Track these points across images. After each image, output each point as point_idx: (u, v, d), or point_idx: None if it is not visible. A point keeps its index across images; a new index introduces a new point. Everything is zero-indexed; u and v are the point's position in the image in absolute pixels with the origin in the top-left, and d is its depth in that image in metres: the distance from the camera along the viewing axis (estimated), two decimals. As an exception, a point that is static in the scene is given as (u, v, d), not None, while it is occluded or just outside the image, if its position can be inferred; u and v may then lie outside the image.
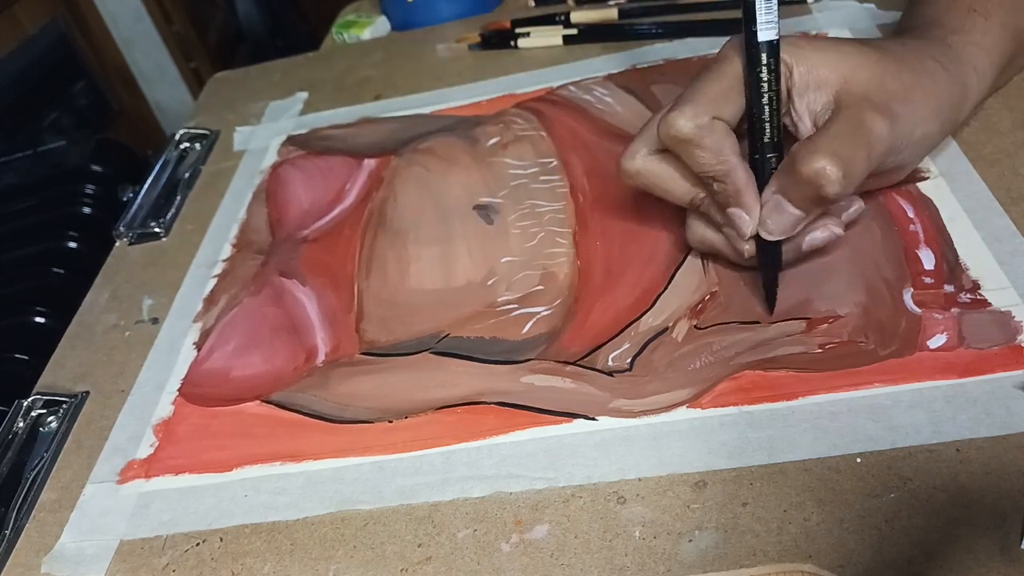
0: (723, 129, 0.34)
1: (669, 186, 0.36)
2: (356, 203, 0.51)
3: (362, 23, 0.74)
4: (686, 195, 0.36)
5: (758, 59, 0.33)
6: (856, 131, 0.33)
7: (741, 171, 0.34)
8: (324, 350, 0.42)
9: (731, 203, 0.34)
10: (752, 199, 0.34)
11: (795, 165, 0.32)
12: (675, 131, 0.33)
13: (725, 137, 0.34)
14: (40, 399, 0.44)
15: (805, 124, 0.35)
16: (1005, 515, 0.28)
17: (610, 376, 0.36)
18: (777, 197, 0.34)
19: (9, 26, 1.26)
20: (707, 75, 0.35)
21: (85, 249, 0.73)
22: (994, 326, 0.33)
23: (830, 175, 0.32)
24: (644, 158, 0.36)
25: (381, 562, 0.32)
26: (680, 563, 0.29)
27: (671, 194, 0.37)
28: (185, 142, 0.65)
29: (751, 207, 0.34)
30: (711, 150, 0.33)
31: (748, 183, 0.34)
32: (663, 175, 0.36)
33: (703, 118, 0.33)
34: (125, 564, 0.35)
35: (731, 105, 0.34)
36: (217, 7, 1.80)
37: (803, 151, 0.32)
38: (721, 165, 0.34)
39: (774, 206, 0.34)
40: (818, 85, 0.34)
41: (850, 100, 0.34)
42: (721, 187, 0.34)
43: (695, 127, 0.33)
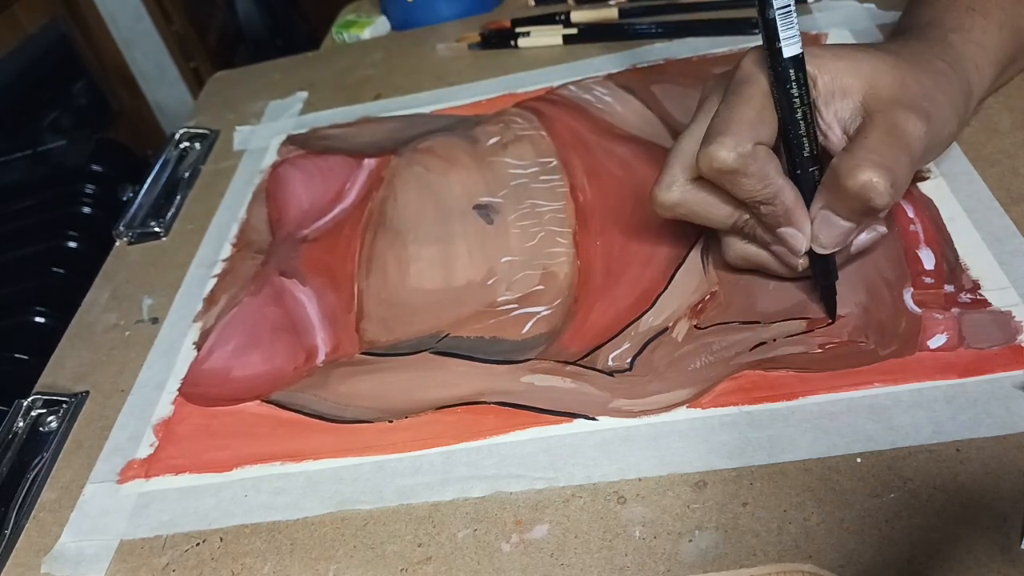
0: (766, 153, 0.33)
1: (711, 213, 0.35)
2: (356, 203, 0.51)
3: (362, 23, 0.74)
4: (728, 219, 0.35)
5: (787, 76, 0.33)
6: (894, 135, 0.32)
7: (788, 191, 0.33)
8: (324, 350, 0.42)
9: (781, 223, 0.34)
10: (802, 216, 0.34)
11: (840, 180, 0.32)
12: (719, 164, 0.32)
13: (768, 161, 0.33)
14: (40, 399, 0.44)
15: (835, 133, 0.35)
16: (1005, 515, 0.28)
17: (610, 376, 0.36)
18: (825, 212, 0.33)
19: (9, 26, 1.26)
20: (736, 99, 0.34)
21: (85, 249, 0.73)
22: (994, 326, 0.33)
23: (878, 187, 0.31)
24: (682, 188, 0.35)
25: (381, 562, 0.32)
26: (680, 563, 0.29)
27: (712, 220, 0.36)
28: (185, 142, 0.65)
29: (802, 224, 0.34)
30: (756, 176, 0.33)
31: (797, 202, 0.34)
32: (704, 203, 0.35)
33: (745, 146, 0.32)
34: (125, 564, 0.35)
35: (767, 127, 0.33)
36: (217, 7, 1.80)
37: (846, 165, 0.32)
38: (768, 189, 0.33)
39: (824, 221, 0.34)
40: (844, 93, 0.34)
41: (879, 104, 0.33)
42: (770, 209, 0.33)
43: (738, 156, 0.32)
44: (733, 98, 0.34)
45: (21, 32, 1.28)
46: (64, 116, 1.33)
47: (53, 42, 1.36)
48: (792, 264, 0.35)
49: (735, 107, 0.33)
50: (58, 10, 1.39)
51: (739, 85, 0.34)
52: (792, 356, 0.34)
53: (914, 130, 0.33)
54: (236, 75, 0.75)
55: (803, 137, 0.33)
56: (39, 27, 1.32)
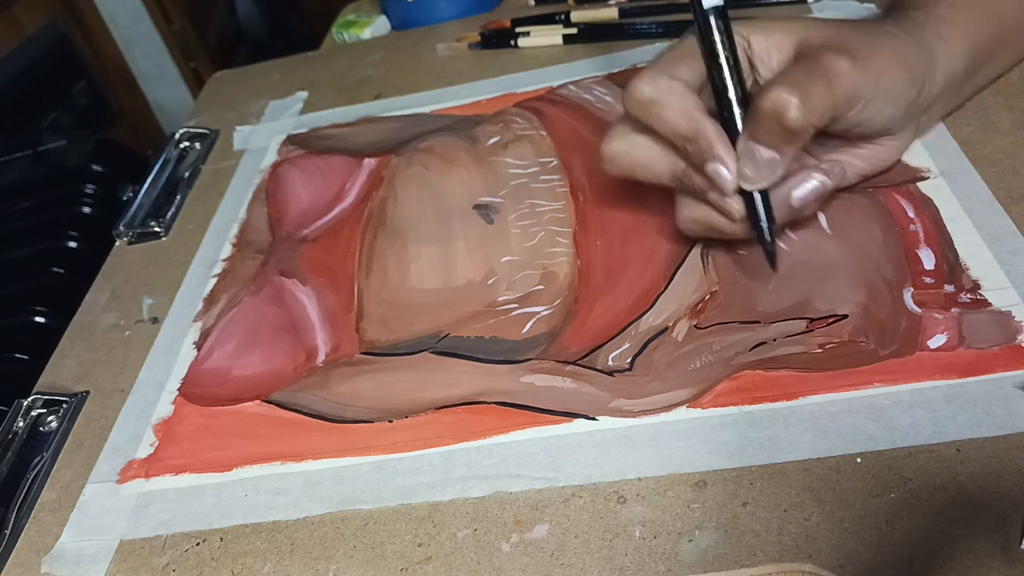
0: (682, 87, 0.34)
1: (649, 162, 0.37)
2: (356, 202, 0.51)
3: (362, 22, 0.74)
4: (667, 168, 0.36)
5: (708, 24, 0.34)
6: (813, 65, 0.33)
7: (709, 125, 0.34)
8: (324, 350, 0.42)
9: (707, 159, 0.34)
10: (725, 150, 0.34)
11: (758, 104, 0.33)
12: (638, 95, 0.34)
13: (686, 94, 0.34)
14: (40, 399, 0.44)
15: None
16: (1005, 515, 0.28)
17: (610, 376, 0.36)
18: (748, 143, 0.34)
19: (9, 26, 1.26)
20: (669, 51, 0.36)
21: (85, 249, 0.73)
22: (994, 326, 0.33)
23: (787, 100, 0.32)
24: (623, 138, 0.37)
25: (381, 562, 0.32)
26: (680, 563, 0.29)
27: (652, 171, 0.37)
28: (185, 141, 0.65)
29: (727, 159, 0.34)
30: (675, 107, 0.34)
31: (718, 134, 0.34)
32: (642, 151, 0.36)
33: (662, 78, 0.34)
34: (125, 564, 0.35)
35: (687, 69, 0.35)
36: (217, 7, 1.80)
37: (763, 89, 0.33)
38: (688, 123, 0.34)
39: (747, 152, 0.34)
40: (778, 48, 0.36)
41: (808, 50, 0.35)
42: (694, 147, 0.34)
43: (655, 88, 0.34)
44: (662, 54, 0.37)
45: (21, 32, 1.28)
46: (64, 116, 1.33)
47: (53, 42, 1.36)
48: (729, 210, 0.35)
49: (662, 55, 0.36)
50: (58, 10, 1.39)
51: (671, 46, 0.37)
52: (792, 356, 0.34)
53: (836, 65, 0.33)
54: (236, 75, 0.75)
55: (727, 80, 0.35)
56: (39, 27, 1.32)
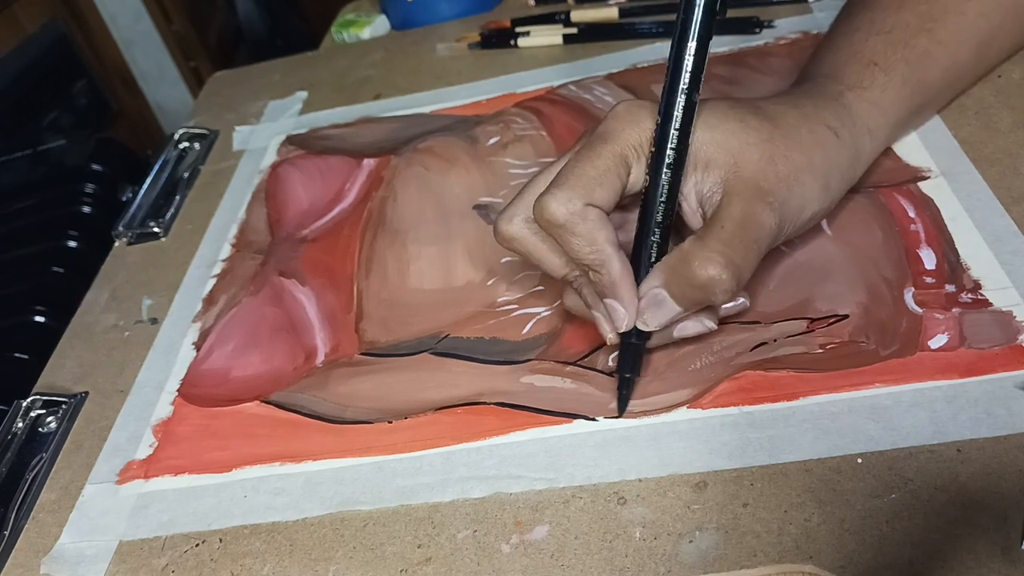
0: (597, 216, 0.32)
1: (544, 258, 0.34)
2: (356, 203, 0.51)
3: (362, 22, 0.74)
4: (560, 270, 0.35)
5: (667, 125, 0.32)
6: (748, 228, 0.32)
7: (616, 263, 0.32)
8: (324, 350, 0.42)
9: (607, 294, 0.33)
10: (627, 293, 0.33)
11: (688, 267, 0.31)
12: (548, 215, 0.32)
13: (599, 226, 0.32)
14: (39, 399, 0.44)
15: (690, 203, 0.34)
16: (1006, 515, 0.28)
17: (610, 376, 0.36)
18: (659, 292, 0.32)
19: (8, 26, 1.26)
20: (586, 153, 0.33)
21: (85, 249, 0.73)
22: (995, 326, 0.33)
23: (724, 284, 0.31)
24: (521, 225, 0.34)
25: (381, 563, 0.32)
26: (680, 564, 0.29)
27: (544, 266, 0.35)
28: (184, 142, 0.65)
29: (627, 302, 0.33)
30: (584, 238, 0.32)
31: (623, 276, 0.32)
32: (539, 247, 0.34)
33: (576, 203, 0.31)
34: (124, 565, 0.35)
35: (606, 190, 0.32)
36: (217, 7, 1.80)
37: (700, 254, 0.31)
38: (595, 255, 0.32)
39: (654, 300, 0.33)
40: (706, 165, 0.33)
41: (740, 187, 0.32)
42: (596, 277, 0.33)
43: (567, 213, 0.31)
44: (584, 151, 0.33)
45: (21, 32, 1.28)
46: (64, 116, 1.33)
47: (53, 42, 1.36)
48: (605, 333, 0.34)
49: (582, 161, 0.32)
50: (58, 10, 1.39)
51: (597, 138, 0.33)
52: (793, 356, 0.34)
53: (767, 223, 0.32)
54: (236, 75, 0.75)
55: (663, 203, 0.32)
56: (39, 27, 1.32)
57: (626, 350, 0.34)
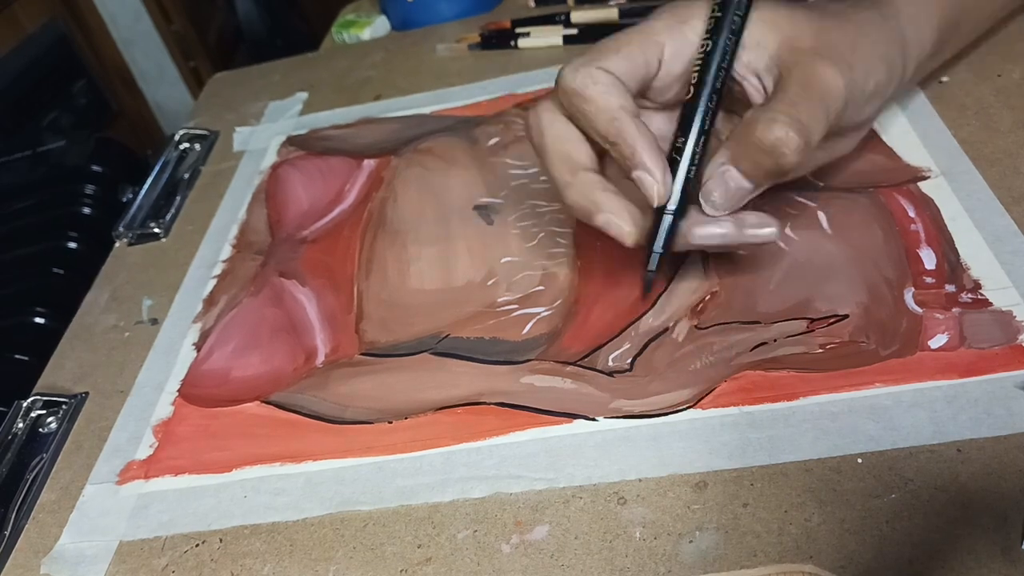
0: (609, 80, 0.32)
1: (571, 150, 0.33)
2: (356, 203, 0.51)
3: (362, 23, 0.74)
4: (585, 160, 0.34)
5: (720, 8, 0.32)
6: (812, 90, 0.31)
7: (632, 127, 0.31)
8: (324, 351, 0.42)
9: (631, 166, 0.32)
10: (650, 157, 0.31)
11: (753, 132, 0.30)
12: (562, 83, 0.32)
13: (611, 90, 0.31)
14: (40, 400, 0.44)
15: (752, 82, 0.33)
16: (1006, 515, 0.28)
17: (610, 376, 0.36)
18: (727, 167, 0.31)
19: (8, 26, 1.26)
20: (622, 34, 0.33)
21: (85, 249, 0.73)
22: (995, 326, 0.33)
23: (791, 143, 0.30)
24: (551, 115, 0.34)
25: (381, 563, 0.32)
26: (681, 564, 0.29)
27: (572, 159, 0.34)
28: (185, 142, 0.65)
29: (653, 169, 0.31)
30: (596, 103, 0.31)
31: (642, 138, 0.31)
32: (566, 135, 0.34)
33: (589, 68, 0.32)
34: (124, 565, 0.35)
35: (624, 60, 0.32)
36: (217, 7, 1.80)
37: (763, 118, 0.30)
38: (611, 123, 0.31)
39: (723, 177, 0.32)
40: (757, 43, 0.33)
41: (796, 56, 0.32)
42: (617, 152, 0.32)
43: (578, 76, 0.32)
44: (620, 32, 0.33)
45: (21, 32, 1.28)
46: (64, 116, 1.33)
47: (53, 42, 1.36)
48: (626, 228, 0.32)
49: (607, 39, 0.33)
50: (58, 10, 1.39)
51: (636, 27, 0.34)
52: (793, 356, 0.34)
53: (832, 82, 0.31)
54: (236, 76, 0.75)
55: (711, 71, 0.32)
56: (39, 27, 1.32)
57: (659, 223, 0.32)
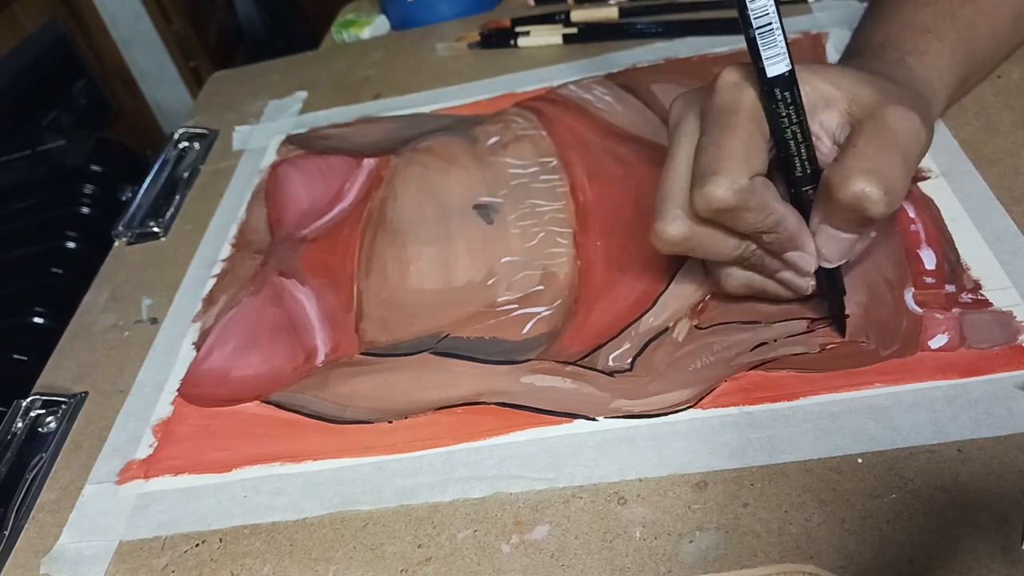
0: (763, 184, 0.32)
1: (717, 246, 0.34)
2: (355, 203, 0.51)
3: (361, 22, 0.74)
4: (734, 251, 0.34)
5: (773, 96, 0.31)
6: (883, 136, 0.31)
7: (791, 217, 0.32)
8: (324, 350, 0.42)
9: (787, 248, 0.33)
10: (807, 238, 0.33)
11: (832, 193, 0.31)
12: (717, 204, 0.31)
13: (766, 191, 0.32)
14: (39, 399, 0.44)
15: (825, 144, 0.34)
16: (1006, 515, 0.28)
17: (610, 376, 0.36)
18: (824, 227, 0.33)
19: (8, 25, 1.26)
20: (721, 131, 0.32)
21: (84, 249, 0.73)
22: (995, 326, 0.33)
23: (872, 196, 0.30)
24: (686, 224, 0.33)
25: (381, 563, 0.32)
26: (681, 564, 0.29)
27: (718, 254, 0.34)
28: (184, 141, 0.65)
29: (807, 245, 0.33)
30: (757, 209, 0.31)
31: (800, 225, 0.33)
32: (710, 238, 0.33)
33: (742, 181, 0.31)
34: (124, 565, 0.35)
35: (759, 156, 0.32)
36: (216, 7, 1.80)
37: (836, 176, 0.31)
38: (770, 219, 0.32)
39: (825, 235, 0.33)
40: (827, 103, 0.33)
41: (864, 111, 0.32)
42: (774, 237, 0.32)
43: (736, 193, 0.31)
44: (717, 130, 0.32)
45: (21, 32, 1.28)
46: (63, 116, 1.33)
47: (53, 42, 1.35)
48: (801, 287, 0.34)
49: (723, 140, 0.32)
50: (57, 10, 1.39)
51: (722, 113, 0.32)
52: (793, 356, 0.34)
53: (903, 126, 0.31)
54: (235, 75, 0.75)
55: (795, 157, 0.32)
56: (39, 27, 1.32)
57: (824, 277, 0.34)
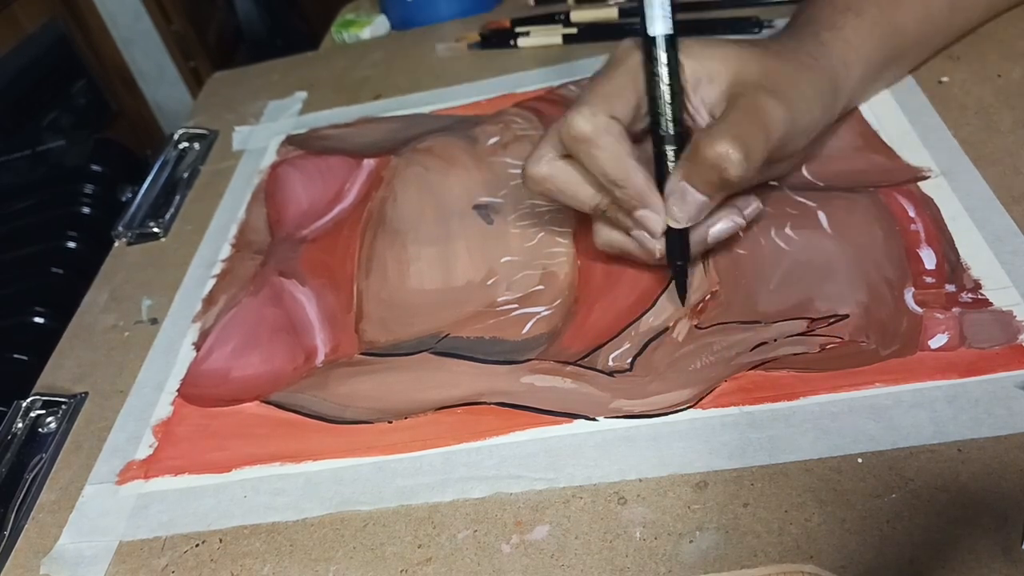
0: (618, 130, 0.34)
1: (575, 191, 0.37)
2: (355, 203, 0.51)
3: (361, 22, 0.74)
4: (590, 200, 0.37)
5: (648, 53, 0.35)
6: (754, 116, 0.34)
7: (639, 174, 0.35)
8: (323, 350, 0.42)
9: (635, 205, 0.35)
10: (656, 198, 0.35)
11: (699, 151, 0.34)
12: (575, 131, 0.34)
13: (620, 139, 0.34)
14: (39, 400, 0.44)
15: (702, 116, 0.37)
16: (1007, 515, 0.28)
17: (610, 376, 0.36)
18: (683, 184, 0.35)
19: (8, 25, 1.26)
20: (601, 75, 0.36)
21: (84, 249, 0.73)
22: (995, 326, 0.33)
23: (732, 157, 0.33)
24: (551, 163, 0.36)
25: (381, 563, 0.32)
26: (681, 564, 0.29)
27: (576, 199, 0.37)
28: (184, 142, 0.65)
29: (656, 205, 0.35)
30: (609, 151, 0.34)
31: (648, 183, 0.35)
32: (569, 179, 0.36)
33: (600, 117, 0.34)
34: (124, 565, 0.35)
35: (624, 103, 0.35)
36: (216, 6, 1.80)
37: (705, 137, 0.34)
38: (620, 169, 0.34)
39: (680, 194, 0.35)
40: (710, 78, 0.36)
41: (744, 89, 0.35)
42: (623, 192, 0.35)
43: (593, 127, 0.34)
44: (599, 75, 0.36)
45: (20, 32, 1.28)
46: (63, 116, 1.33)
47: (52, 42, 1.35)
48: (650, 248, 0.36)
49: (598, 82, 0.36)
50: (57, 10, 1.39)
51: (608, 65, 0.37)
52: (793, 356, 0.34)
53: (773, 112, 0.35)
54: (235, 75, 0.75)
55: (660, 116, 0.35)
56: (38, 27, 1.32)
57: (670, 241, 0.36)
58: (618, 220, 0.37)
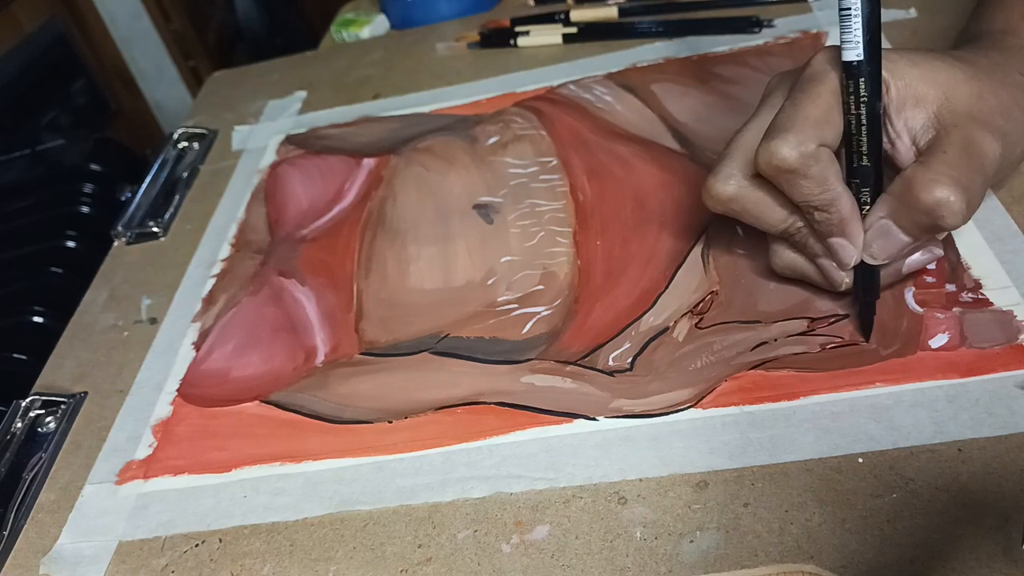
0: (828, 157, 0.31)
1: (763, 213, 0.34)
2: (355, 202, 0.51)
3: (361, 22, 0.74)
4: (779, 224, 0.34)
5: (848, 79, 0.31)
6: (971, 153, 0.31)
7: (846, 200, 0.32)
8: (323, 350, 0.42)
9: (834, 232, 0.33)
10: (857, 228, 0.33)
11: (913, 192, 0.31)
12: (778, 161, 0.31)
13: (830, 165, 0.31)
14: (38, 399, 0.44)
15: (904, 142, 0.33)
16: (1007, 515, 0.28)
17: (611, 376, 0.36)
18: (886, 223, 0.32)
19: (7, 25, 1.25)
20: (803, 96, 0.32)
21: (83, 249, 0.73)
22: (996, 325, 0.33)
23: (953, 206, 0.30)
24: (739, 183, 0.34)
25: (381, 563, 0.32)
26: (681, 564, 0.29)
27: (762, 221, 0.34)
28: (183, 141, 0.65)
29: (855, 236, 0.33)
30: (816, 180, 0.31)
31: (853, 212, 0.32)
32: (759, 202, 0.34)
33: (809, 146, 0.31)
34: (124, 565, 0.35)
35: (832, 128, 0.32)
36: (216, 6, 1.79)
37: (922, 178, 0.31)
38: (826, 195, 0.32)
39: (881, 231, 0.32)
40: (917, 102, 0.32)
41: (955, 119, 0.32)
42: (824, 216, 0.32)
43: (800, 155, 0.31)
44: (800, 95, 0.32)
45: (20, 31, 1.28)
46: (63, 115, 1.33)
47: (52, 41, 1.35)
48: (836, 280, 0.34)
49: (801, 104, 0.32)
50: (57, 9, 1.38)
51: (807, 82, 0.33)
52: (793, 356, 0.34)
53: (990, 150, 0.31)
54: (235, 74, 0.75)
55: (862, 146, 0.32)
56: (38, 26, 1.32)
57: (862, 276, 0.34)
58: (806, 245, 0.34)
